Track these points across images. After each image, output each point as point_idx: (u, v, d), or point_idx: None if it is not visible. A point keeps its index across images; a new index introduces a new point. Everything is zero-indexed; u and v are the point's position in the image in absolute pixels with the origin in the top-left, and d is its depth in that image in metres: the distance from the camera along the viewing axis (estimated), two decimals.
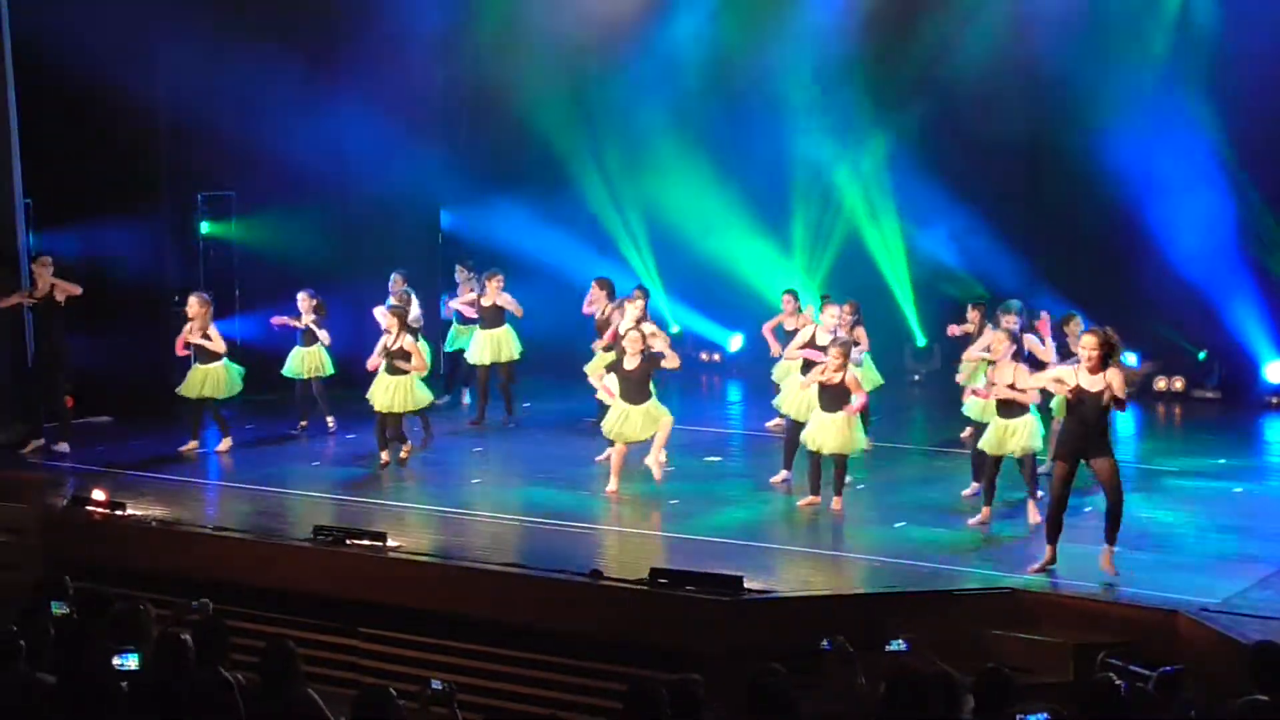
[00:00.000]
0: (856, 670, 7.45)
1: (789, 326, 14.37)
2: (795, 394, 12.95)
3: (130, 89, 15.36)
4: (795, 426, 12.79)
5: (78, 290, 14.14)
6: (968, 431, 13.12)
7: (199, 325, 14.10)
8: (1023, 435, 11.47)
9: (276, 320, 15.17)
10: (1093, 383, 10.05)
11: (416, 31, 17.99)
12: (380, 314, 14.36)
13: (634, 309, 13.45)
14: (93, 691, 6.22)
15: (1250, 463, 14.25)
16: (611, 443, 12.84)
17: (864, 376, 13.08)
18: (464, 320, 15.98)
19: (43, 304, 14.10)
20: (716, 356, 19.14)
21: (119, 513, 11.94)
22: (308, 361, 15.09)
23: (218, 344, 14.16)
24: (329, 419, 15.23)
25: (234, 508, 12.65)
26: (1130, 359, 13.17)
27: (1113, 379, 9.99)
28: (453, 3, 18.54)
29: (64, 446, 14.21)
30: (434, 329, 16.72)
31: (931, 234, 17.75)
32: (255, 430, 15.18)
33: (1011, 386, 11.40)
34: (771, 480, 12.98)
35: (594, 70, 18.23)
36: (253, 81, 16.07)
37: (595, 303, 14.84)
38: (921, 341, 18.22)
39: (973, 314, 13.84)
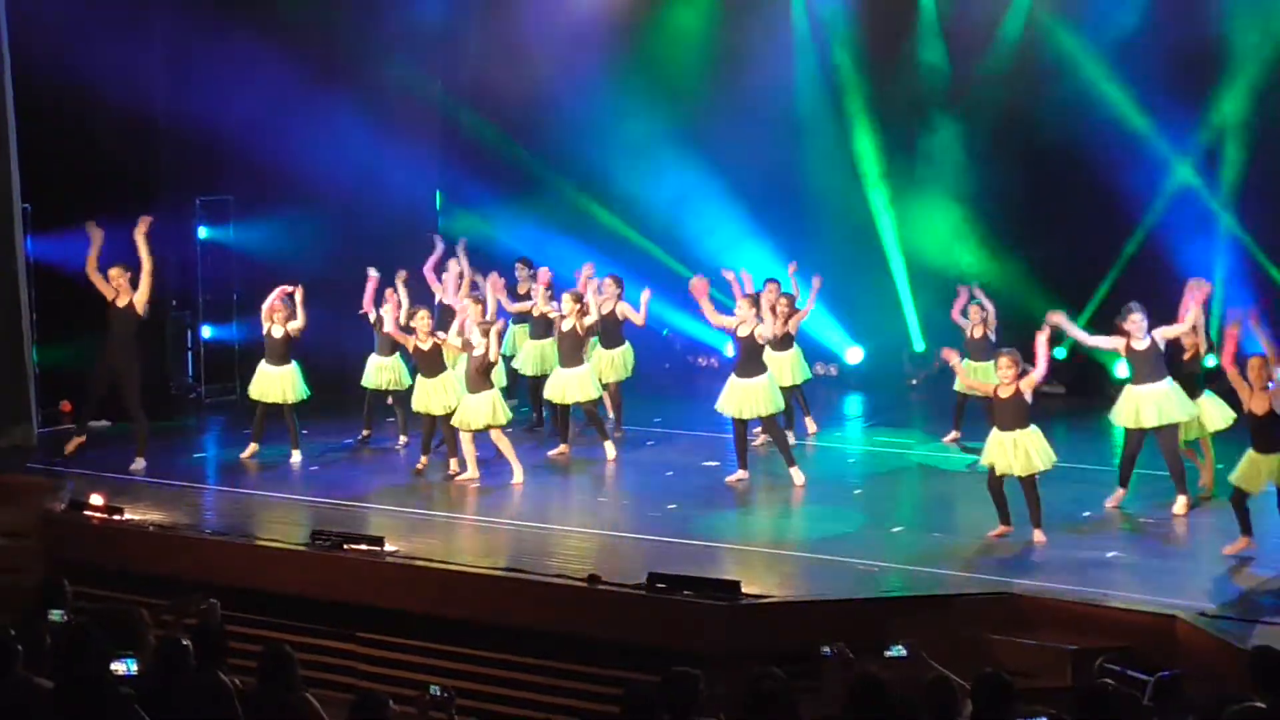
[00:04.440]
0: (855, 675, 7.44)
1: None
2: None
3: (128, 93, 15.35)
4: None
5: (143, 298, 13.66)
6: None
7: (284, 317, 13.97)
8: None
9: (369, 303, 14.50)
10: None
11: (414, 33, 18.02)
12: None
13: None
14: (90, 696, 6.22)
15: None
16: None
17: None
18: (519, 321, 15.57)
19: (122, 311, 13.63)
20: (713, 361, 19.10)
21: (117, 517, 11.94)
22: (385, 373, 14.77)
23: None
24: (402, 436, 14.79)
25: (232, 512, 12.64)
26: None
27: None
28: (450, 4, 18.58)
29: (141, 463, 13.81)
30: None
31: (932, 235, 17.75)
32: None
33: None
34: (728, 480, 13.17)
35: (592, 69, 18.24)
36: (251, 85, 16.08)
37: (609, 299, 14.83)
38: (920, 346, 18.22)
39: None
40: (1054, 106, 16.76)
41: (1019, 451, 11.09)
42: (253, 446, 14.29)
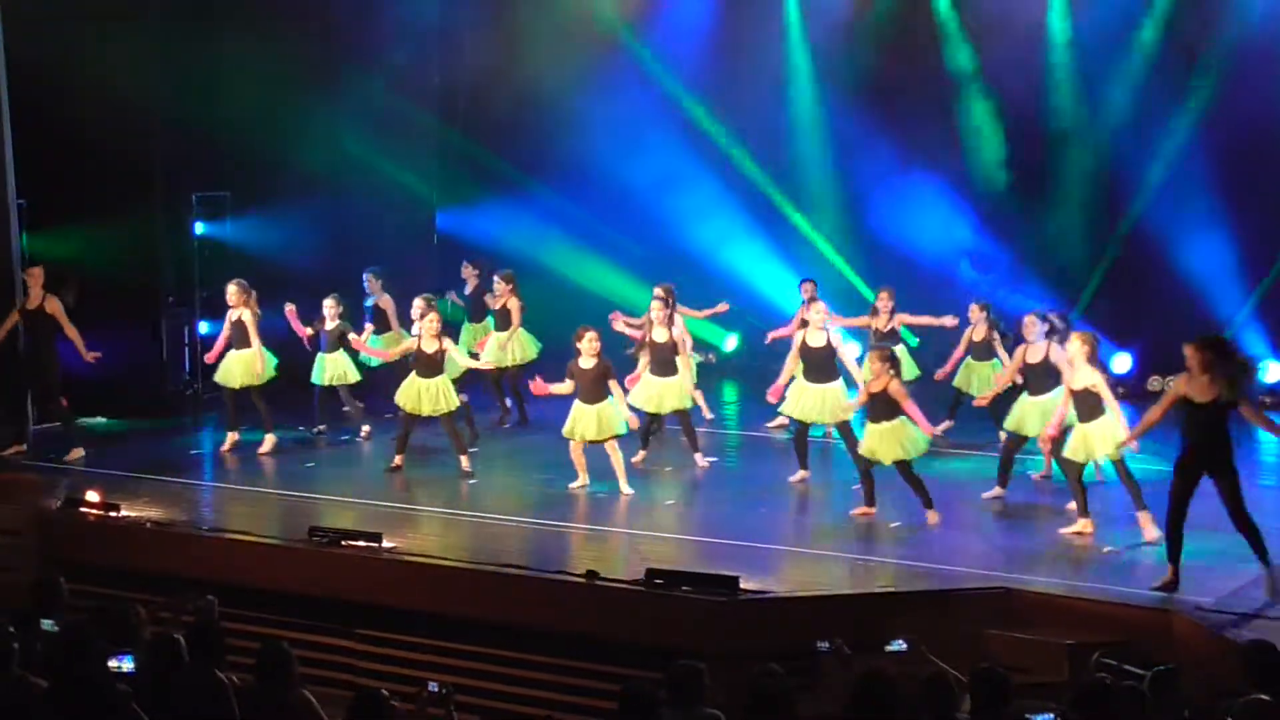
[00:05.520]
0: (853, 671, 7.45)
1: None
2: (798, 396, 12.93)
3: (124, 89, 15.33)
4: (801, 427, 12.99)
5: (60, 308, 13.88)
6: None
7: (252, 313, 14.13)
8: (1111, 437, 11.00)
9: (300, 329, 14.68)
10: (1201, 391, 10.09)
11: (412, 30, 18.01)
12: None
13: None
14: (88, 694, 6.21)
15: (1244, 462, 14.21)
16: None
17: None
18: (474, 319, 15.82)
19: (34, 314, 13.90)
20: (711, 357, 19.11)
21: (113, 514, 11.93)
22: (332, 368, 14.80)
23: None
24: (364, 427, 14.89)
25: (229, 508, 12.64)
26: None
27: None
28: (448, 1, 18.57)
29: (79, 452, 14.00)
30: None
31: (928, 233, 17.76)
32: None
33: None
34: (790, 480, 13.02)
35: (590, 66, 18.24)
36: (248, 81, 16.06)
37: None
38: (912, 342, 18.22)
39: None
40: (1052, 95, 16.77)
41: (888, 441, 11.60)
42: (231, 436, 14.31)
